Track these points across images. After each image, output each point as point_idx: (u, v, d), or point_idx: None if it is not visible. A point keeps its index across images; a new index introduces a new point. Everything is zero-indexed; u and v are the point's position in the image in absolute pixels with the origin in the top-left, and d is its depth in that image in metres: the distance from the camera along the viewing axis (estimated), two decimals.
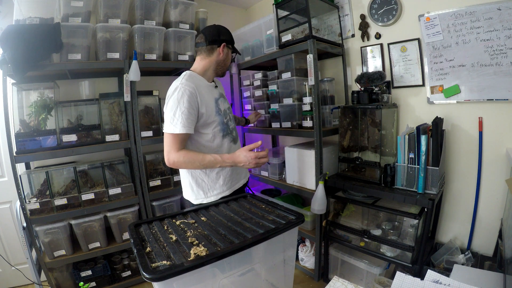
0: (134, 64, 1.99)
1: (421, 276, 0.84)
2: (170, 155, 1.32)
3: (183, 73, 1.43)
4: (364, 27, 2.13)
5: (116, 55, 2.06)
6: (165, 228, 0.93)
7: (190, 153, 1.33)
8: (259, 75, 2.48)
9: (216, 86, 1.54)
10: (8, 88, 1.77)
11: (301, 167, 2.14)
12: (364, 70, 2.20)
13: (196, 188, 1.49)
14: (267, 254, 0.91)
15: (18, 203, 1.83)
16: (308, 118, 2.05)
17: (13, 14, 1.77)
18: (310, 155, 2.04)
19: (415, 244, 1.62)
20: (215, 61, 1.48)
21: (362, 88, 1.89)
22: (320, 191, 1.85)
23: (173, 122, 1.30)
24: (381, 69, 2.08)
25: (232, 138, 1.55)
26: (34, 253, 1.89)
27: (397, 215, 1.72)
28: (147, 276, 0.66)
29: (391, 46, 2.02)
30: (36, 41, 1.72)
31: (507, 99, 1.57)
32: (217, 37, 1.46)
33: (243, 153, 1.31)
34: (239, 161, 1.32)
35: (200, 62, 1.49)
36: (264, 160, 1.32)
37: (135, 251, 0.78)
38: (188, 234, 0.87)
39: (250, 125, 2.36)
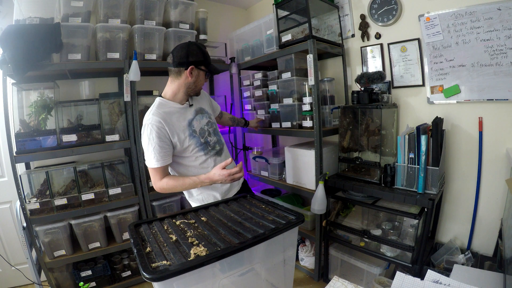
0: (134, 64, 1.99)
1: (421, 276, 0.84)
2: (156, 184, 1.39)
3: (154, 102, 1.43)
4: (364, 27, 2.13)
5: (116, 55, 2.06)
6: (165, 228, 0.93)
7: (172, 180, 1.38)
8: (259, 75, 2.48)
9: (191, 105, 1.48)
10: (8, 88, 1.77)
11: (301, 167, 2.14)
12: (364, 70, 2.20)
13: (191, 201, 1.56)
14: (267, 254, 0.91)
15: (18, 203, 1.84)
16: (308, 118, 2.05)
17: (13, 14, 1.77)
18: (310, 155, 2.04)
19: (415, 244, 1.62)
20: (183, 84, 1.41)
21: (362, 88, 1.89)
22: (320, 191, 1.85)
23: (149, 158, 1.35)
24: (381, 69, 2.08)
25: (216, 152, 1.52)
26: (34, 253, 1.89)
27: (397, 215, 1.72)
28: (147, 276, 0.66)
29: (391, 46, 2.02)
30: (36, 41, 1.72)
31: (507, 99, 1.57)
32: (185, 59, 1.37)
33: (218, 172, 1.32)
34: (216, 179, 1.34)
35: (170, 85, 1.45)
36: (239, 175, 1.33)
37: (135, 251, 0.78)
38: (188, 234, 0.87)
39: (250, 127, 2.31)
